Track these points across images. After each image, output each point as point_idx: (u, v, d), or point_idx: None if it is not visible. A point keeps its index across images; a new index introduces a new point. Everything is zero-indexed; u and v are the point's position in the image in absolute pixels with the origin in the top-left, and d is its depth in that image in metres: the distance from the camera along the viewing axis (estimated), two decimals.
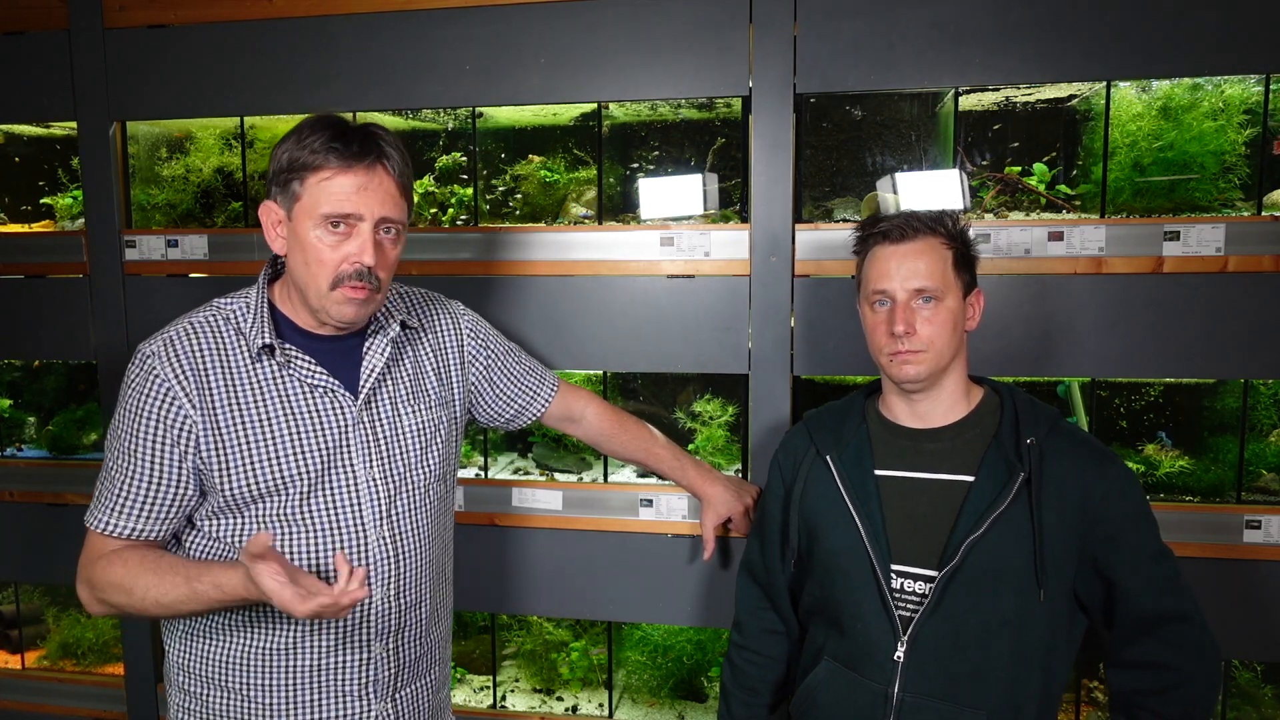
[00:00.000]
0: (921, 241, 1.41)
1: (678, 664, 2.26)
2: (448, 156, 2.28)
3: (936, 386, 1.45)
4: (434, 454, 1.53)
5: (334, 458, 1.42)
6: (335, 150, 1.32)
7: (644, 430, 1.85)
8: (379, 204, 1.35)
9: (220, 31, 2.14)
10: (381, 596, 1.44)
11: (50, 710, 2.44)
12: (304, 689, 1.43)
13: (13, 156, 2.53)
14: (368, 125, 1.38)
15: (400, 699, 1.50)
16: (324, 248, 1.35)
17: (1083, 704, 2.08)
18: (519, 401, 1.74)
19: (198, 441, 1.37)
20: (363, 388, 1.45)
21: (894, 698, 1.39)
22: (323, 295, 1.37)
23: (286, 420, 1.40)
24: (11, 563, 2.41)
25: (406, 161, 1.40)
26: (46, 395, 2.57)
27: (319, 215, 1.33)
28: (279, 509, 1.40)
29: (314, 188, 1.33)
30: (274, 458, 1.39)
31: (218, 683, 1.44)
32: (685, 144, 2.22)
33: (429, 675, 1.56)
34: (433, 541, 1.53)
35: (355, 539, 1.42)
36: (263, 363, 1.41)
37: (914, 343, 1.40)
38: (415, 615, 1.50)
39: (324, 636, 1.42)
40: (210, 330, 1.42)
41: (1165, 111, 1.89)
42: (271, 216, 1.39)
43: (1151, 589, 1.35)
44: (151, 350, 1.39)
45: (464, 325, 1.66)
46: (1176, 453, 1.97)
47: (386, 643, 1.46)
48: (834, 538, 1.47)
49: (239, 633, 1.42)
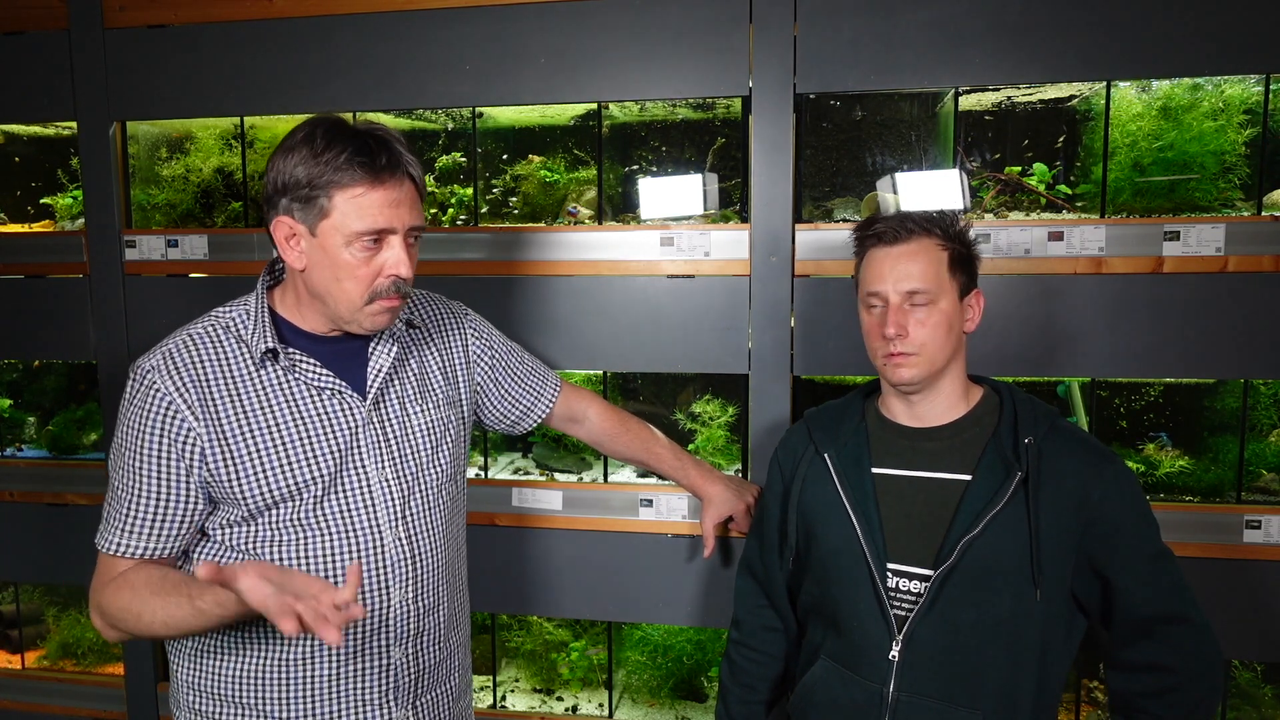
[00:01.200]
0: (915, 243, 1.41)
1: (678, 664, 2.26)
2: (448, 156, 2.28)
3: (933, 388, 1.45)
4: (444, 453, 1.51)
5: (345, 460, 1.40)
6: (364, 165, 1.29)
7: (646, 431, 1.85)
8: (409, 214, 1.35)
9: (220, 31, 2.14)
10: (400, 599, 1.42)
11: (50, 710, 2.44)
12: (323, 700, 1.40)
13: (13, 156, 2.53)
14: (382, 133, 1.34)
15: (421, 705, 1.47)
16: (358, 263, 1.33)
17: (1083, 704, 2.08)
18: (525, 402, 1.73)
19: (204, 454, 1.35)
20: (370, 388, 1.43)
21: (889, 697, 1.39)
22: (356, 309, 1.36)
23: (296, 425, 1.38)
24: (11, 563, 2.41)
25: (420, 164, 1.39)
26: (46, 395, 2.57)
27: (352, 232, 1.31)
28: (294, 514, 1.38)
29: (345, 204, 1.30)
30: (286, 463, 1.37)
31: (233, 700, 1.41)
32: (685, 144, 2.22)
33: (449, 681, 1.53)
34: (447, 543, 1.51)
35: (371, 541, 1.40)
36: (267, 368, 1.39)
37: (906, 345, 1.39)
38: (434, 619, 1.48)
39: (344, 643, 1.39)
40: (210, 340, 1.39)
41: (1165, 111, 1.89)
42: (287, 232, 1.34)
43: (1150, 590, 1.35)
44: (151, 365, 1.36)
45: (468, 326, 1.65)
46: (1177, 452, 1.97)
47: (406, 648, 1.44)
48: (831, 536, 1.47)
49: (254, 647, 1.40)
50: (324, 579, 1.27)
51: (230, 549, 1.40)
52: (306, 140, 1.31)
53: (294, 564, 1.37)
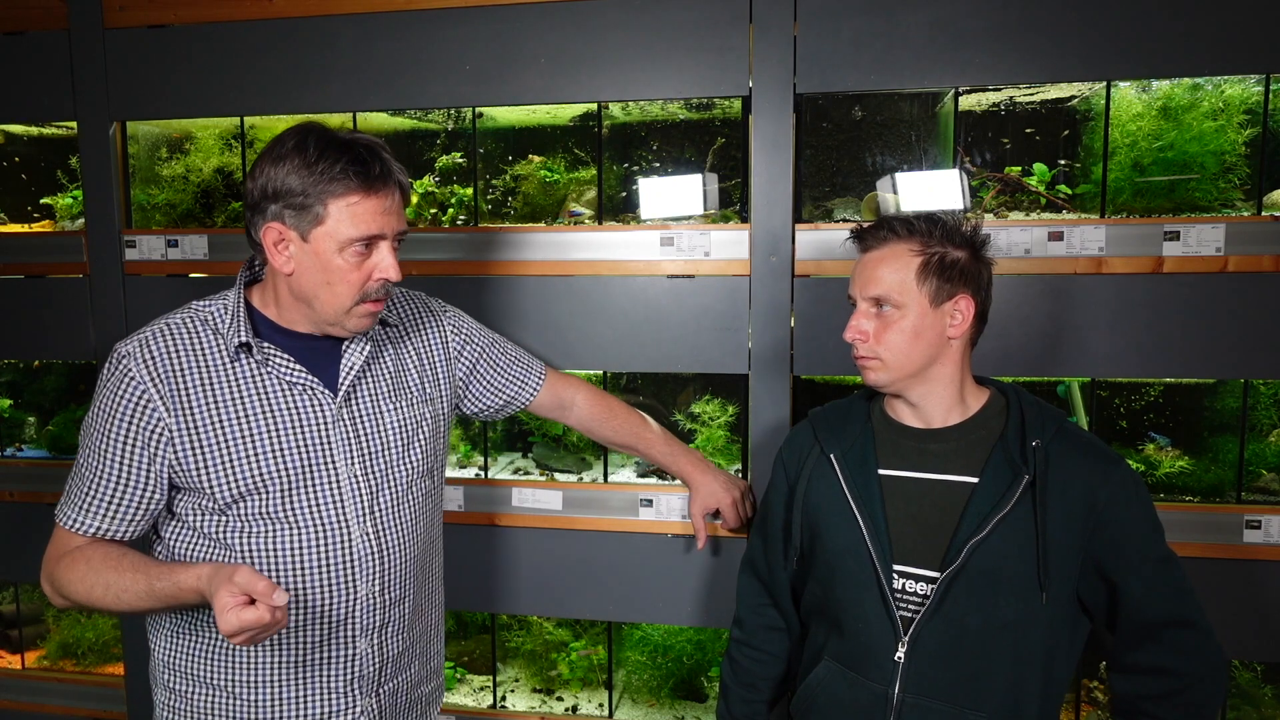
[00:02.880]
0: (887, 248, 1.40)
1: (677, 664, 2.26)
2: (448, 156, 2.28)
3: (921, 391, 1.44)
4: (417, 450, 1.54)
5: (315, 455, 1.43)
6: (359, 174, 1.35)
7: (634, 416, 1.86)
8: (397, 221, 1.41)
9: (220, 31, 2.14)
10: (366, 593, 1.46)
11: (50, 710, 2.44)
12: (290, 684, 1.45)
13: (13, 156, 2.53)
14: (370, 142, 1.39)
15: (383, 693, 1.52)
16: (349, 268, 1.38)
17: (1083, 704, 2.08)
18: (507, 391, 1.76)
19: (172, 443, 1.39)
20: (342, 385, 1.46)
21: (894, 698, 1.39)
22: (344, 312, 1.41)
23: (265, 418, 1.41)
24: (12, 563, 2.41)
25: (405, 171, 1.45)
26: (46, 395, 2.57)
27: (346, 238, 1.36)
28: (262, 507, 1.41)
29: (339, 211, 1.35)
30: (253, 456, 1.40)
31: (204, 679, 1.46)
32: (685, 144, 2.21)
33: (410, 669, 1.57)
34: (418, 538, 1.55)
35: (339, 536, 1.44)
36: (241, 361, 1.42)
37: (866, 349, 1.41)
38: (399, 611, 1.52)
39: (310, 632, 1.44)
40: (186, 331, 1.43)
41: (1165, 111, 1.89)
42: (276, 237, 1.38)
43: (1155, 594, 1.35)
44: (127, 350, 1.41)
45: (446, 321, 1.68)
46: (1177, 452, 1.97)
47: (371, 638, 1.48)
48: (836, 536, 1.46)
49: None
50: (294, 570, 1.41)
51: (202, 536, 1.43)
52: (298, 149, 1.35)
53: (262, 555, 1.42)
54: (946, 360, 1.42)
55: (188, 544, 1.45)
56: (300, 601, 1.42)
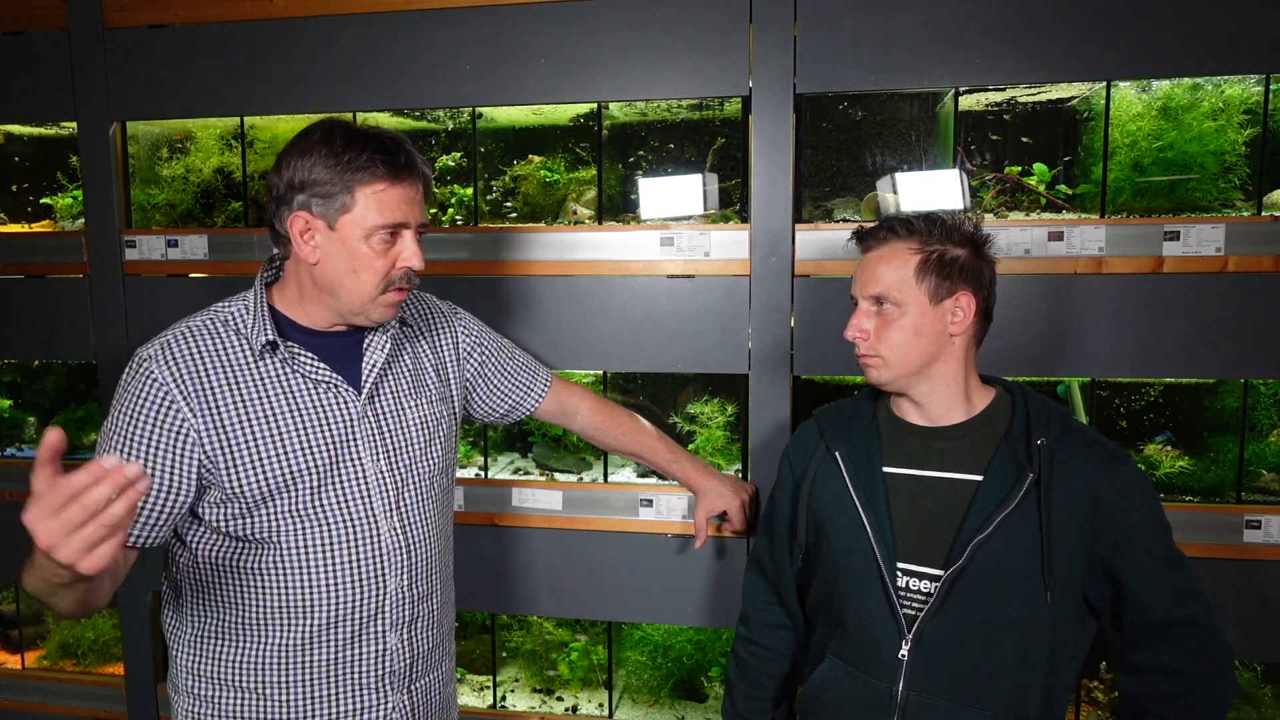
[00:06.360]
0: (887, 248, 1.41)
1: (678, 664, 2.26)
2: (448, 156, 2.28)
3: (925, 389, 1.44)
4: (437, 447, 1.56)
5: (341, 451, 1.44)
6: (386, 163, 1.37)
7: (638, 424, 1.87)
8: (420, 211, 1.44)
9: (220, 31, 2.14)
10: (395, 587, 1.47)
11: (50, 710, 2.44)
12: (323, 683, 1.45)
13: (13, 156, 2.53)
14: (394, 135, 1.41)
15: (415, 690, 1.53)
16: (375, 255, 1.40)
17: (1083, 704, 2.08)
18: (513, 397, 1.77)
19: (200, 445, 1.37)
20: (365, 382, 1.47)
21: (899, 696, 1.39)
22: (369, 300, 1.42)
23: (292, 416, 1.42)
24: (12, 563, 2.40)
25: (429, 164, 1.48)
26: (46, 395, 2.57)
27: (372, 226, 1.38)
28: (291, 505, 1.41)
29: (367, 199, 1.37)
30: (282, 454, 1.40)
31: (235, 684, 1.45)
32: (685, 144, 2.22)
33: (441, 667, 1.59)
34: (439, 534, 1.56)
35: (368, 531, 1.45)
36: (265, 360, 1.42)
37: (867, 348, 1.42)
38: (428, 606, 1.53)
39: (341, 629, 1.44)
40: (209, 333, 1.43)
41: (1165, 111, 1.89)
42: (303, 226, 1.39)
43: (1162, 594, 1.34)
44: (149, 354, 1.39)
45: (457, 323, 1.69)
46: (1177, 452, 1.97)
47: (401, 634, 1.49)
48: (841, 534, 1.47)
49: (256, 633, 1.43)
50: (326, 564, 1.40)
51: (227, 538, 1.43)
52: (325, 141, 1.38)
53: (293, 553, 1.41)
54: (949, 358, 1.43)
55: (212, 546, 1.43)
56: (332, 596, 1.42)
